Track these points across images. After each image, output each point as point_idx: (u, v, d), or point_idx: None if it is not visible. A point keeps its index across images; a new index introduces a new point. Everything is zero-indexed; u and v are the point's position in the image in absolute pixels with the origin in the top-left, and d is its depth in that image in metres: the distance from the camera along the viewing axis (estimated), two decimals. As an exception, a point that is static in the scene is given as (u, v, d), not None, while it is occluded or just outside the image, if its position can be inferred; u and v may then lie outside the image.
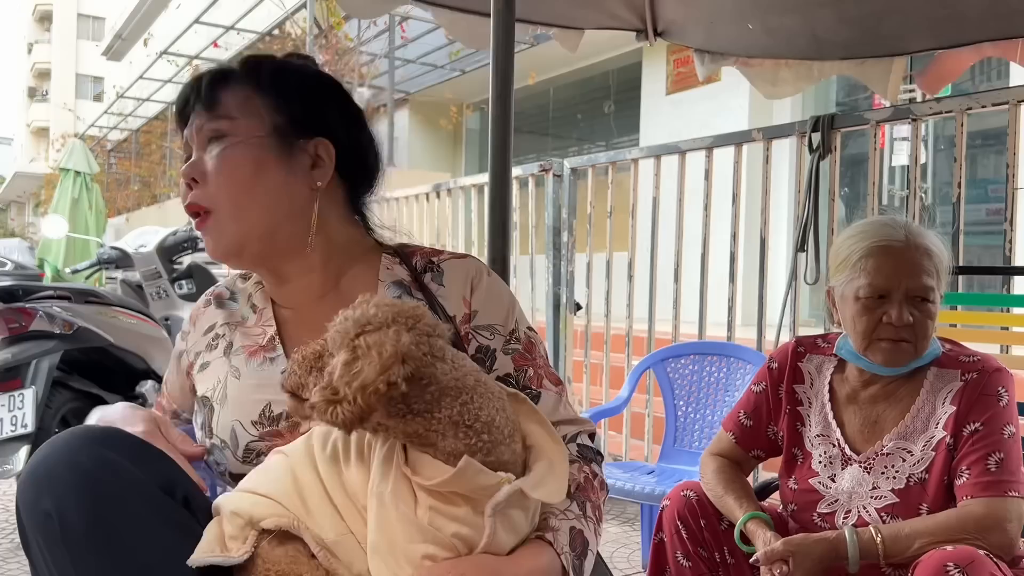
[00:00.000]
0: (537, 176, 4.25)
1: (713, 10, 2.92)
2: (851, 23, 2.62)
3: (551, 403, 1.18)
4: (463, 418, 0.85)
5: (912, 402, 1.57)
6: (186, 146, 1.19)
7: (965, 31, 2.46)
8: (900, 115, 2.75)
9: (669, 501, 1.70)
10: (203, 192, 1.14)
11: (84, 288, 3.47)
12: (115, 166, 18.70)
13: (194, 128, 1.17)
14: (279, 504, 0.92)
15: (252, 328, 1.22)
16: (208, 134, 1.15)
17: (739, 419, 1.77)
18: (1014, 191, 2.43)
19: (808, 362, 1.71)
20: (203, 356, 1.24)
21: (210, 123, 1.15)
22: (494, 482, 0.84)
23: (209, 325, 1.26)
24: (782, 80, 2.88)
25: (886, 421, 1.58)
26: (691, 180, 3.47)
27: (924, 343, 1.54)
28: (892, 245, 1.54)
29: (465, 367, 0.88)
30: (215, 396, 1.18)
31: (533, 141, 10.70)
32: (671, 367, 3.04)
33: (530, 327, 1.24)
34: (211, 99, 1.16)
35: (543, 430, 0.93)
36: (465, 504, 0.85)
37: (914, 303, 1.52)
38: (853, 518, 1.55)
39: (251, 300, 1.26)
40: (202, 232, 1.17)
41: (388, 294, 1.18)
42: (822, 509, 1.60)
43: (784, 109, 6.24)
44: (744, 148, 3.29)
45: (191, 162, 1.16)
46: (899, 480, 1.54)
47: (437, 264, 1.22)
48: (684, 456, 2.91)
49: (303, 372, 0.88)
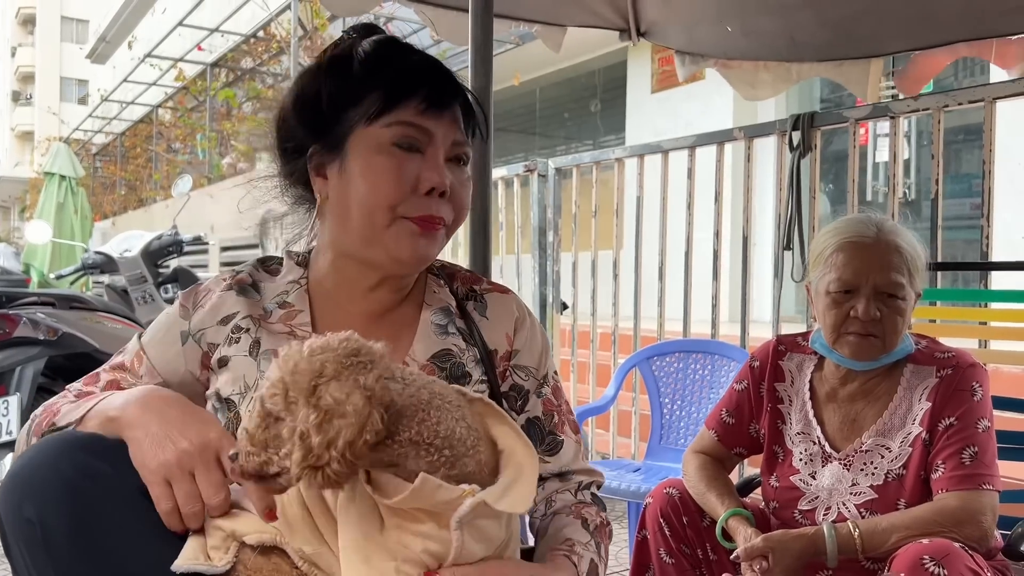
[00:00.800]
0: (522, 176, 4.26)
1: (693, 12, 2.94)
2: (828, 25, 2.65)
3: (571, 452, 1.20)
4: (422, 437, 0.82)
5: (890, 399, 1.59)
6: (420, 133, 1.07)
7: (939, 32, 2.49)
8: (879, 113, 2.77)
9: (652, 499, 1.72)
10: (446, 208, 1.10)
11: (68, 294, 3.46)
12: (100, 170, 18.59)
13: (449, 134, 1.09)
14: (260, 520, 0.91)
15: (276, 325, 1.14)
16: (457, 152, 1.11)
17: (721, 417, 1.79)
18: (990, 187, 2.46)
19: (789, 360, 1.74)
20: (222, 349, 1.13)
21: (464, 146, 1.12)
22: (456, 496, 0.82)
23: (228, 314, 1.15)
24: (761, 82, 2.91)
25: (865, 418, 1.61)
26: (674, 179, 3.49)
27: (893, 338, 1.56)
28: (862, 241, 1.57)
29: (416, 382, 0.85)
30: (243, 405, 1.09)
31: (521, 141, 10.71)
32: (656, 365, 3.06)
33: (556, 371, 1.26)
34: (468, 118, 1.13)
35: (513, 432, 0.92)
36: (430, 519, 0.84)
37: (882, 299, 1.54)
38: (833, 514, 1.57)
39: (282, 296, 1.17)
40: (426, 240, 1.09)
41: (432, 320, 1.17)
42: (803, 506, 1.62)
43: (768, 107, 6.28)
44: (727, 147, 3.31)
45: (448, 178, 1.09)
46: (878, 476, 1.56)
47: (480, 294, 1.23)
48: (670, 453, 2.93)
49: (260, 449, 0.82)
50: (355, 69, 1.10)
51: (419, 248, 1.08)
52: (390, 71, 1.08)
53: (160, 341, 1.16)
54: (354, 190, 1.07)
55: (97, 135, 17.95)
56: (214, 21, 10.65)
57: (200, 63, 11.93)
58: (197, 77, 12.32)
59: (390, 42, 1.13)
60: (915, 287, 1.59)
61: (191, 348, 1.14)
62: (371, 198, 1.06)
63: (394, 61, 1.10)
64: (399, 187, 1.06)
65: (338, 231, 1.12)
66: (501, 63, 8.50)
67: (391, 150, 1.06)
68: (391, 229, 1.07)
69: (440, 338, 1.16)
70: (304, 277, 1.18)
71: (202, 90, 12.12)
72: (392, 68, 1.09)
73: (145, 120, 14.90)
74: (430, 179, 1.06)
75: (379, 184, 1.06)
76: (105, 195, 17.44)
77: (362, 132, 1.07)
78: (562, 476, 1.20)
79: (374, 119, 1.06)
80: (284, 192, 1.19)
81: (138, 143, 15.57)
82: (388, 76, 1.08)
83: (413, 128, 1.06)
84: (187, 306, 1.17)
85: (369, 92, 1.07)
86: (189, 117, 13.20)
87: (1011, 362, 2.52)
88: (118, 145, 16.68)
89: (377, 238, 1.08)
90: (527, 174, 4.21)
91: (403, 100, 1.06)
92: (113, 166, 17.39)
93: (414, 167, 1.06)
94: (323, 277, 1.17)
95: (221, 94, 11.34)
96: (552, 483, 1.19)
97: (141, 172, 15.36)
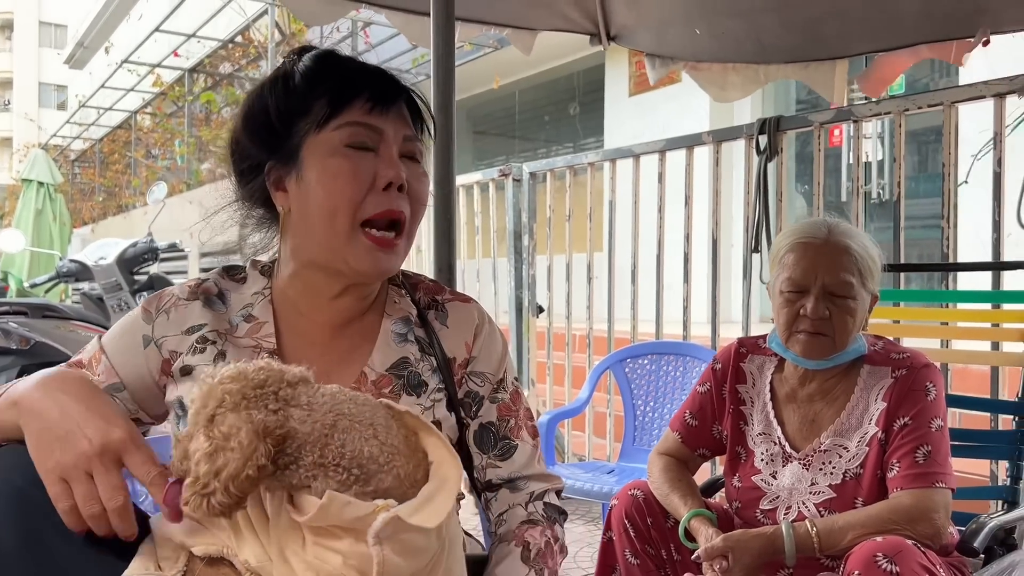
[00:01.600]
0: (497, 181, 4.29)
1: (662, 15, 2.97)
2: (793, 28, 2.70)
3: (526, 456, 1.21)
4: (327, 459, 0.84)
5: (847, 399, 1.62)
6: (370, 132, 1.09)
7: (902, 34, 2.54)
8: (842, 117, 2.81)
9: (617, 501, 1.74)
10: (406, 203, 1.11)
11: (41, 303, 3.45)
12: (79, 176, 18.44)
13: (399, 130, 1.11)
14: (209, 531, 0.92)
15: (243, 339, 1.14)
16: (409, 148, 1.13)
17: (685, 419, 1.81)
18: (951, 190, 2.51)
19: (750, 362, 1.76)
20: (185, 358, 1.12)
21: (415, 142, 1.13)
22: (368, 511, 0.83)
23: (194, 324, 1.14)
24: (730, 84, 2.95)
25: (823, 419, 1.64)
26: (646, 183, 3.52)
27: (843, 338, 1.59)
28: (812, 242, 1.61)
29: (324, 405, 0.87)
30: None
31: (501, 144, 10.73)
32: (629, 367, 3.09)
33: (516, 376, 1.27)
34: (416, 115, 1.15)
35: (441, 444, 0.93)
36: (346, 535, 0.84)
37: (831, 299, 1.57)
38: (793, 513, 1.60)
39: (247, 309, 1.17)
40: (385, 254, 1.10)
41: (392, 329, 1.18)
42: (764, 506, 1.65)
43: (744, 110, 6.33)
44: (696, 151, 3.35)
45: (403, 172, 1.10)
46: (836, 476, 1.59)
47: (441, 303, 1.24)
48: (643, 455, 2.95)
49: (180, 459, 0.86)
50: (298, 82, 1.12)
51: (380, 262, 1.10)
52: (333, 78, 1.11)
53: (121, 342, 1.16)
54: (313, 197, 1.08)
55: (75, 141, 17.81)
56: (191, 27, 10.60)
57: (178, 68, 11.88)
58: (175, 82, 12.26)
59: (328, 54, 1.16)
60: (868, 288, 1.62)
61: (152, 353, 1.14)
62: (331, 201, 1.07)
63: (335, 69, 1.13)
64: (357, 185, 1.07)
65: (302, 241, 1.13)
66: (480, 67, 8.52)
67: (344, 151, 1.08)
68: (351, 243, 1.08)
69: (399, 347, 1.17)
70: (268, 287, 1.19)
71: (180, 95, 12.07)
72: (334, 75, 1.12)
73: (124, 126, 14.79)
74: (387, 175, 1.08)
75: (337, 186, 1.07)
76: (84, 201, 17.30)
77: (314, 139, 1.09)
78: (513, 485, 1.21)
79: (323, 124, 1.08)
80: (246, 217, 1.20)
81: (117, 149, 15.46)
82: (332, 82, 1.10)
83: (363, 127, 1.09)
84: (150, 311, 1.16)
85: (315, 100, 1.09)
86: (168, 123, 13.13)
87: (972, 361, 2.56)
88: (97, 151, 16.56)
89: (339, 247, 1.09)
90: (502, 178, 4.23)
91: (349, 102, 1.09)
92: (92, 172, 17.26)
93: (369, 165, 1.08)
94: (286, 287, 1.17)
95: (203, 96, 11.30)
96: (504, 495, 1.20)
97: (120, 178, 15.25)
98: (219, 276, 1.21)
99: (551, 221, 4.06)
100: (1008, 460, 1.92)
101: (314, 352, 1.14)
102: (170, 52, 11.27)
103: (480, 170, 4.51)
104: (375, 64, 1.17)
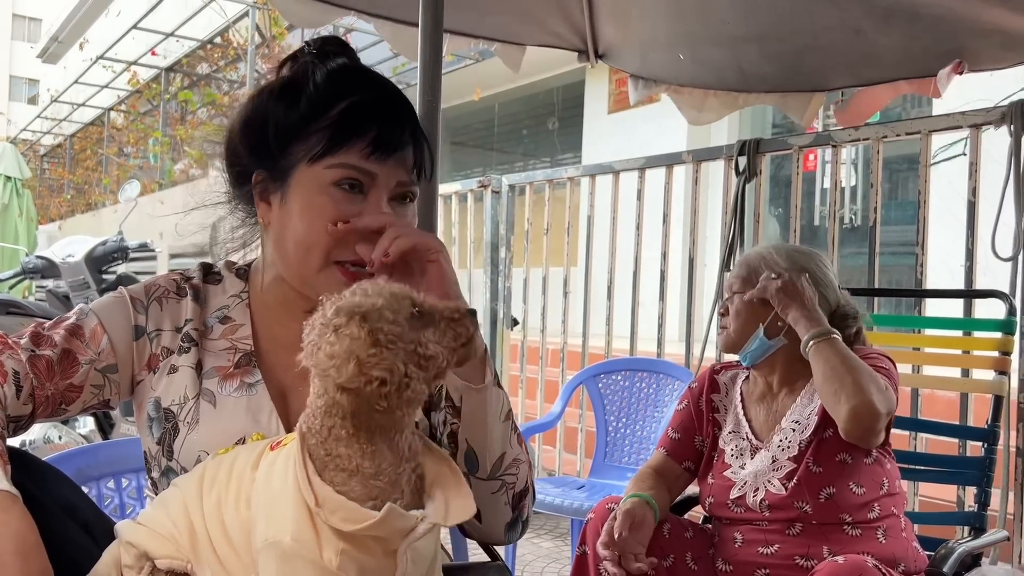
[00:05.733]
0: (476, 192, 4.28)
1: (647, 38, 3.00)
2: (774, 59, 2.73)
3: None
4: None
5: (803, 388, 1.72)
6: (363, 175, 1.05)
7: (881, 70, 2.57)
8: (821, 141, 2.85)
9: (594, 515, 1.74)
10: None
11: (5, 299, 3.38)
12: (48, 172, 18.15)
13: (393, 176, 1.07)
14: (174, 544, 0.90)
15: (218, 342, 1.12)
16: (401, 191, 1.09)
17: (669, 435, 1.87)
18: (925, 216, 2.54)
19: (723, 375, 1.88)
20: (173, 358, 1.10)
21: (409, 186, 1.09)
22: (412, 523, 0.83)
23: (183, 321, 1.12)
24: (708, 107, 2.98)
25: (785, 409, 1.73)
26: (625, 199, 3.54)
27: (737, 331, 1.77)
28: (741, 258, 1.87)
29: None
30: (183, 415, 1.07)
31: (479, 156, 10.74)
32: (603, 383, 3.09)
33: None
34: (418, 157, 1.09)
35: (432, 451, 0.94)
36: (377, 545, 0.83)
37: (731, 298, 1.81)
38: (761, 494, 1.65)
39: (223, 310, 1.14)
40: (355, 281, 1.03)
41: None
42: (734, 494, 1.70)
43: (722, 131, 6.40)
44: (676, 169, 3.37)
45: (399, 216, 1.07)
46: (792, 448, 1.66)
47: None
48: (614, 471, 2.95)
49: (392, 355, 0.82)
50: (304, 102, 1.07)
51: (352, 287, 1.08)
52: (339, 108, 1.06)
53: (115, 324, 1.09)
54: (292, 228, 1.06)
55: (46, 136, 17.54)
56: (170, 25, 10.50)
57: (155, 67, 11.75)
58: (151, 81, 12.13)
59: (345, 72, 1.10)
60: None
61: (143, 344, 1.10)
62: (308, 238, 1.05)
63: (345, 95, 1.07)
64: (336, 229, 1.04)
65: (278, 259, 1.12)
66: (461, 78, 8.53)
67: (331, 191, 1.04)
68: (322, 275, 1.06)
69: None
70: (245, 291, 1.17)
71: (156, 94, 11.94)
72: (342, 105, 1.06)
73: (96, 123, 14.59)
74: (370, 223, 1.04)
75: (316, 226, 1.04)
76: (52, 198, 17.02)
77: (305, 169, 1.05)
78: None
79: (317, 159, 1.05)
80: (233, 209, 1.18)
81: (88, 146, 15.25)
82: (336, 114, 1.05)
83: (356, 171, 1.05)
84: (139, 299, 1.12)
85: (316, 129, 1.05)
86: (142, 121, 12.98)
87: (944, 387, 2.59)
88: (67, 147, 16.32)
89: (310, 279, 1.07)
90: (481, 190, 4.22)
91: (348, 142, 1.04)
92: (62, 168, 17.00)
93: (354, 209, 1.05)
94: (264, 293, 1.16)
95: (180, 95, 11.18)
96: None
97: (91, 175, 15.04)
98: (201, 273, 1.18)
99: (529, 234, 4.06)
100: (976, 486, 1.95)
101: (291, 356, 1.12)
102: (147, 50, 11.15)
103: (457, 181, 4.49)
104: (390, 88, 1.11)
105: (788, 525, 1.62)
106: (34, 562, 0.84)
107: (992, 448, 1.94)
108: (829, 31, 2.53)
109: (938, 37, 2.36)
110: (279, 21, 8.88)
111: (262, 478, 0.88)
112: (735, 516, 1.68)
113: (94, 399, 1.07)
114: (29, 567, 0.83)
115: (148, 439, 1.10)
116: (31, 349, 1.03)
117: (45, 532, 0.90)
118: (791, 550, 1.60)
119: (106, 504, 1.29)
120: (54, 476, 1.00)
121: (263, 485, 0.88)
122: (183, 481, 0.98)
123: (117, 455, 1.45)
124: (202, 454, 1.05)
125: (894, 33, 2.45)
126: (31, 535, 0.85)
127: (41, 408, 1.03)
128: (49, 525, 0.92)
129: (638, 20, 2.92)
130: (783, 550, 1.60)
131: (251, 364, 1.11)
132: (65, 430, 3.35)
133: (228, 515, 0.88)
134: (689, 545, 1.70)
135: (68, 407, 1.05)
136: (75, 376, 1.04)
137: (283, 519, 0.83)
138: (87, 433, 3.51)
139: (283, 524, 0.83)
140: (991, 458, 1.93)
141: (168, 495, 0.97)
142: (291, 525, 0.83)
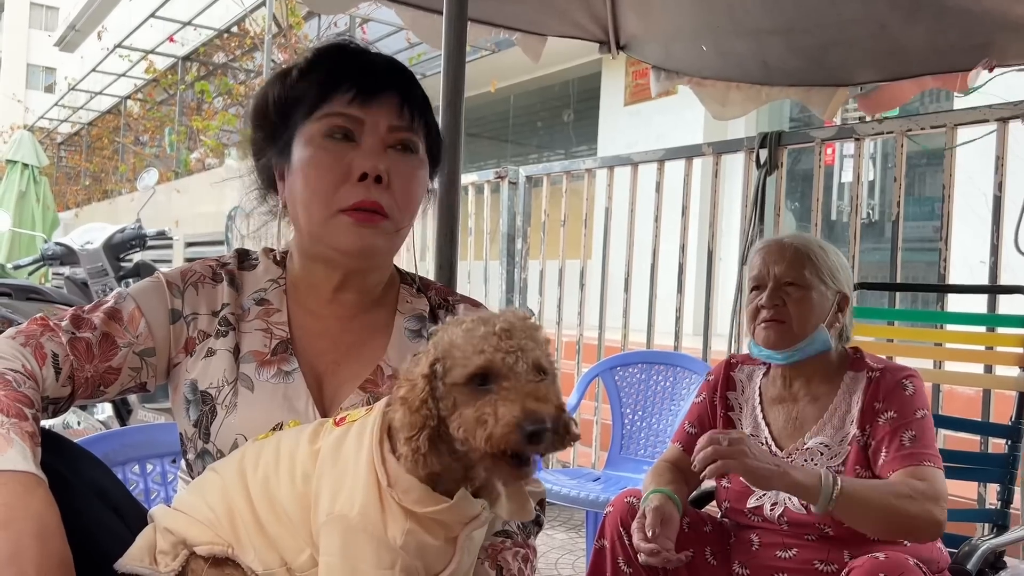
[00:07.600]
0: (493, 183, 4.27)
1: (671, 29, 2.97)
2: (799, 53, 2.70)
3: None
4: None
5: (830, 401, 1.66)
6: (350, 122, 1.09)
7: (907, 65, 2.55)
8: (844, 134, 2.82)
9: (612, 508, 1.73)
10: (386, 195, 1.09)
11: (26, 285, 3.40)
12: (65, 160, 18.25)
13: (383, 120, 1.09)
14: (213, 530, 0.90)
15: (254, 322, 1.14)
16: (398, 138, 1.11)
17: (685, 429, 1.85)
18: (950, 211, 2.52)
19: (740, 371, 1.83)
20: (211, 341, 1.12)
21: (404, 131, 1.11)
22: (478, 510, 0.85)
23: (219, 306, 1.14)
24: (731, 101, 2.95)
25: (807, 419, 1.68)
26: (643, 191, 3.52)
27: (801, 326, 1.63)
28: (769, 244, 1.71)
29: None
30: (220, 399, 1.08)
31: (494, 147, 10.72)
32: (619, 375, 3.07)
33: None
34: (411, 104, 1.12)
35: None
36: (441, 530, 0.84)
37: (785, 289, 1.64)
38: (780, 508, 1.63)
39: (260, 293, 1.16)
40: (368, 231, 1.08)
41: (406, 326, 1.19)
42: (751, 504, 1.67)
43: (738, 123, 6.35)
44: (695, 162, 3.35)
45: (383, 163, 1.08)
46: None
47: (452, 304, 1.25)
48: (630, 464, 2.94)
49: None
50: (295, 73, 1.14)
51: (361, 238, 1.09)
52: (322, 69, 1.12)
53: (152, 307, 1.11)
54: (295, 186, 1.10)
55: (63, 124, 17.63)
56: (187, 14, 10.52)
57: (171, 56, 11.78)
58: (168, 70, 12.16)
59: (330, 47, 1.17)
60: (828, 284, 1.66)
61: (179, 328, 1.12)
62: (306, 191, 1.08)
63: (327, 60, 1.14)
64: (330, 176, 1.07)
65: (294, 227, 1.15)
66: (477, 69, 8.49)
67: (322, 142, 1.09)
68: (329, 224, 1.08)
69: (414, 343, 1.18)
70: (283, 277, 1.19)
71: (172, 83, 11.97)
72: (324, 66, 1.13)
73: (113, 111, 14.65)
74: (362, 165, 1.07)
75: (312, 176, 1.08)
76: (69, 185, 17.13)
77: (301, 130, 1.10)
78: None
79: (308, 115, 1.10)
80: (262, 201, 1.22)
81: (105, 134, 15.31)
82: (320, 73, 1.12)
83: (342, 118, 1.09)
84: (175, 284, 1.14)
85: (305, 92, 1.11)
86: (158, 110, 13.02)
87: (967, 384, 2.57)
88: (84, 135, 16.41)
89: (318, 233, 1.10)
90: (498, 181, 4.21)
91: (332, 92, 1.09)
92: (78, 156, 17.10)
93: (346, 156, 1.08)
94: (297, 279, 1.18)
95: (197, 86, 11.21)
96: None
97: (107, 164, 15.11)
98: (236, 259, 1.21)
99: (545, 226, 4.05)
100: (999, 483, 1.93)
101: (324, 343, 1.14)
102: (164, 39, 11.17)
103: (472, 172, 4.48)
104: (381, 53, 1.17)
105: (807, 532, 1.59)
106: (53, 545, 0.84)
107: (1016, 445, 1.92)
108: (854, 25, 2.50)
109: (965, 32, 2.33)
110: (296, 10, 8.87)
111: (327, 455, 0.88)
112: (752, 523, 1.66)
113: (131, 382, 1.09)
114: (47, 550, 0.83)
115: (184, 421, 1.11)
116: (72, 331, 1.04)
117: (75, 514, 0.91)
118: (810, 555, 1.58)
119: (131, 489, 1.29)
120: (87, 459, 1.01)
121: (328, 461, 0.88)
122: (221, 466, 0.98)
123: (142, 440, 1.46)
124: (240, 438, 1.06)
125: (920, 27, 2.41)
126: (52, 519, 0.85)
127: (80, 390, 1.04)
128: (79, 507, 0.93)
129: (661, 11, 2.89)
130: (802, 555, 1.58)
131: (288, 352, 1.12)
132: (83, 416, 3.37)
133: (282, 491, 0.88)
134: (708, 540, 1.69)
135: (106, 389, 1.07)
136: (114, 359, 1.06)
137: (352, 494, 0.84)
138: (105, 419, 3.53)
139: (351, 499, 0.83)
140: (1015, 455, 1.92)
141: (204, 480, 0.98)
142: (360, 500, 0.83)
